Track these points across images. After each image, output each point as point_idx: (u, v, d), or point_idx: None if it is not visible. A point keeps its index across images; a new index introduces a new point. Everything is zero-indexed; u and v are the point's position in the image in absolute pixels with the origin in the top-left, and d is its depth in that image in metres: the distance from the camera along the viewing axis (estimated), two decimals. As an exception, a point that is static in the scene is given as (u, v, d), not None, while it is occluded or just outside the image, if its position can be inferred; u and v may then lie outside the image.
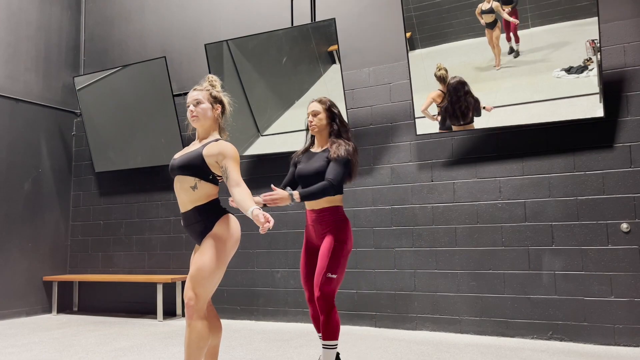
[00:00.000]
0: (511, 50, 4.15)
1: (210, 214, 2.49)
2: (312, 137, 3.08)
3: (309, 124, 2.97)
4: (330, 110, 2.96)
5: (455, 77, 4.32)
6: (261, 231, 2.24)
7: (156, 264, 5.84)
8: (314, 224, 2.91)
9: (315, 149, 3.01)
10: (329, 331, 2.76)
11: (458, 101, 4.32)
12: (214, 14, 5.79)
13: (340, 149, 2.84)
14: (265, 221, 2.26)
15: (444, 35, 4.36)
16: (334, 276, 2.76)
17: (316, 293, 2.76)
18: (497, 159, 4.35)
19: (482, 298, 4.28)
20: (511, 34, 4.12)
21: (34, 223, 5.96)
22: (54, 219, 6.20)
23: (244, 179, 2.66)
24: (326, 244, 2.81)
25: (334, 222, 2.85)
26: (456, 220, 4.44)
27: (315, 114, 2.95)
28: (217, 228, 2.47)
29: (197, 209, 2.48)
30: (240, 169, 2.50)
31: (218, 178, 2.53)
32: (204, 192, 2.49)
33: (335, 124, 2.95)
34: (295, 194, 2.68)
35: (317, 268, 2.80)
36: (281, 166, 5.19)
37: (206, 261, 2.41)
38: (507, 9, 4.12)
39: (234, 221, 2.53)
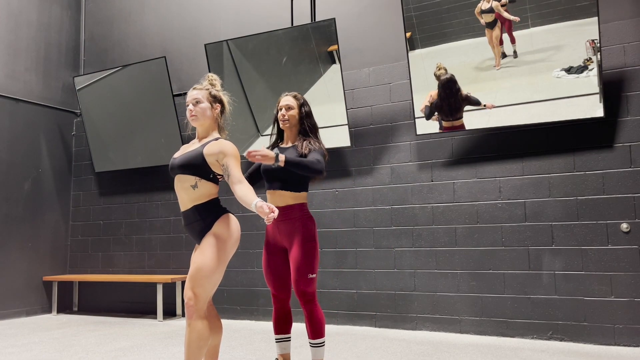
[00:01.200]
0: (504, 56, 4.15)
1: (210, 213, 2.49)
2: (279, 133, 2.99)
3: (281, 117, 2.87)
4: (304, 108, 2.90)
5: (446, 74, 4.33)
6: (266, 222, 2.24)
7: (156, 264, 5.84)
8: (277, 221, 2.80)
9: (284, 144, 2.93)
10: (315, 329, 2.75)
11: (447, 98, 4.33)
12: (214, 14, 5.79)
13: (314, 144, 2.80)
14: (269, 211, 2.26)
15: (444, 35, 4.36)
16: (314, 275, 2.74)
17: (301, 297, 2.73)
18: (497, 159, 4.35)
19: (482, 298, 4.28)
20: (505, 35, 4.12)
21: (34, 223, 5.96)
22: (54, 219, 6.20)
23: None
24: (298, 245, 2.75)
25: (301, 220, 2.78)
26: (456, 220, 4.44)
27: (289, 108, 2.87)
28: (217, 227, 2.47)
29: (197, 208, 2.48)
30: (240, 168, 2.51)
31: (218, 177, 2.54)
32: (204, 191, 2.49)
33: (306, 122, 2.89)
34: (281, 156, 2.59)
35: (295, 270, 2.73)
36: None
37: (206, 261, 2.41)
38: (504, 9, 4.13)
39: (234, 221, 2.54)
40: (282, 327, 2.93)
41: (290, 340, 2.97)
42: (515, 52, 4.12)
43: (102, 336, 4.53)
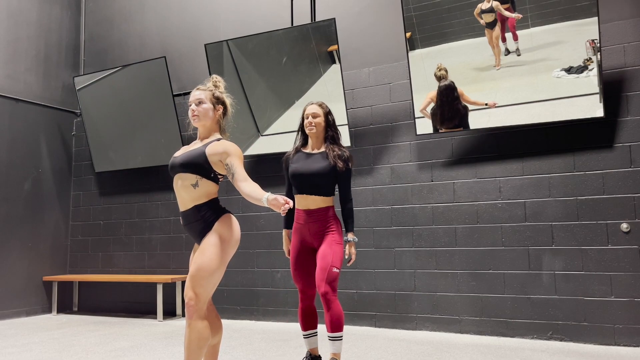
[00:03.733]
0: (507, 52, 4.15)
1: (210, 213, 2.49)
2: (304, 138, 3.20)
3: (308, 124, 3.08)
4: (329, 116, 3.13)
5: (445, 81, 4.34)
6: (282, 213, 2.30)
7: (156, 264, 5.84)
8: (307, 223, 3.03)
9: (310, 150, 3.14)
10: (334, 323, 2.89)
11: (444, 105, 4.35)
12: (214, 14, 5.79)
13: (344, 154, 3.02)
14: (284, 202, 2.29)
15: (444, 35, 4.36)
16: (338, 271, 2.92)
17: (324, 288, 2.86)
18: (497, 159, 4.35)
19: (482, 298, 4.28)
20: (508, 33, 4.12)
21: (34, 223, 5.96)
22: (54, 219, 6.20)
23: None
24: (327, 243, 2.97)
25: (329, 221, 3.02)
26: (456, 220, 4.44)
27: (315, 116, 3.08)
28: (217, 227, 2.47)
29: (197, 208, 2.49)
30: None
31: (219, 177, 2.54)
32: (205, 190, 2.50)
33: (331, 130, 3.11)
34: (351, 235, 3.02)
35: (322, 264, 2.91)
36: (281, 166, 5.18)
37: (206, 261, 2.41)
38: (504, 7, 4.12)
39: (234, 221, 2.54)
40: (310, 323, 3.12)
41: (317, 335, 3.15)
42: (518, 49, 4.12)
43: (102, 336, 4.53)
